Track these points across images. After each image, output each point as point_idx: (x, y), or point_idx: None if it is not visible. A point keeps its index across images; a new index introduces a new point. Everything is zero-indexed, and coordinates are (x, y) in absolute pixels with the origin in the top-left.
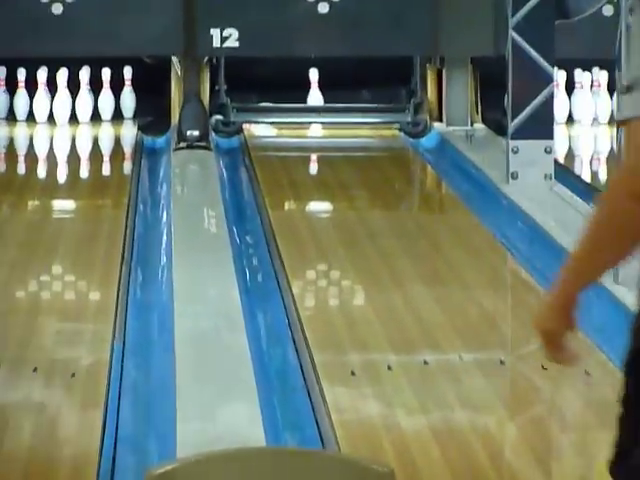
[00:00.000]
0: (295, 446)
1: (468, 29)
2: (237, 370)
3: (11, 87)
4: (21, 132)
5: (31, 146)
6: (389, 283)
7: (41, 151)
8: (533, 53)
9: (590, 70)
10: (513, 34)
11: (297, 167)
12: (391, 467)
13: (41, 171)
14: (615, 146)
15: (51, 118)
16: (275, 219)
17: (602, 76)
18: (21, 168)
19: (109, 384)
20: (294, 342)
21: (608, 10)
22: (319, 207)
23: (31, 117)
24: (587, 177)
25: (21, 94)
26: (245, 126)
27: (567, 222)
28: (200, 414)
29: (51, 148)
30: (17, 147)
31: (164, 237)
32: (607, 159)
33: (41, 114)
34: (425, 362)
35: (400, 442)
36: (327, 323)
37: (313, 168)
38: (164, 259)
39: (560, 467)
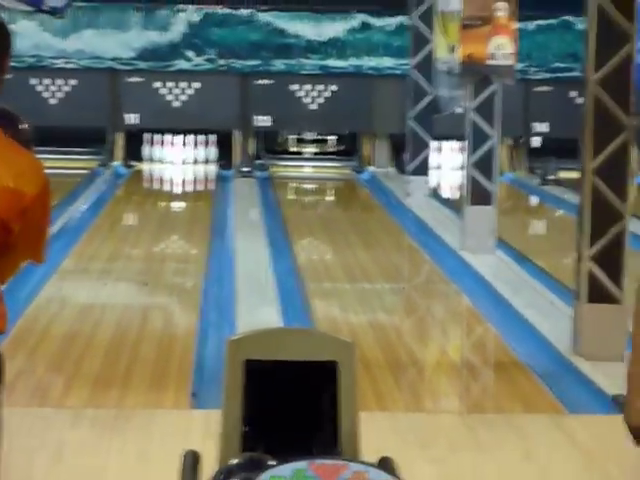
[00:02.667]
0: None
1: (387, 118)
2: (267, 290)
3: (150, 144)
4: (156, 168)
5: (161, 175)
6: (346, 248)
7: (166, 178)
8: (420, 131)
9: (450, 141)
10: (410, 122)
11: (298, 187)
12: (352, 340)
13: (166, 187)
14: (464, 182)
15: (171, 161)
16: (286, 214)
17: (456, 145)
18: (155, 185)
19: (202, 295)
20: (297, 277)
21: (460, 110)
22: (308, 207)
23: (160, 160)
24: (448, 195)
25: (157, 148)
26: (271, 167)
27: (438, 218)
28: (249, 312)
29: (171, 177)
30: (153, 176)
31: (230, 222)
32: (458, 188)
33: (166, 159)
34: (364, 288)
35: (351, 329)
36: (314, 267)
37: (306, 188)
38: (230, 233)
39: (432, 342)
